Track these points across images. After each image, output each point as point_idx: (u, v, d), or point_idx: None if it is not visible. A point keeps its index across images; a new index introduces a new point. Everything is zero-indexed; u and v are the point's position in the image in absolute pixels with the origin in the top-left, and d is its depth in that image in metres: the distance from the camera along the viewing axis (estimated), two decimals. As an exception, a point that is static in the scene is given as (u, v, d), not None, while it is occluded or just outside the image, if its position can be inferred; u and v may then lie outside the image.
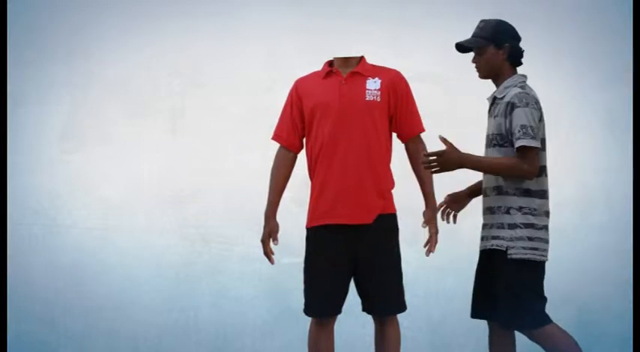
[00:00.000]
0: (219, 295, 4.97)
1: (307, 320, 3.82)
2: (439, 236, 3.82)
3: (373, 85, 3.72)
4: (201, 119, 5.04)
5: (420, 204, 3.81)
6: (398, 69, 3.83)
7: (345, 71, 3.73)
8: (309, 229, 3.78)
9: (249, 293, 4.97)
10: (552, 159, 4.96)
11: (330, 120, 3.68)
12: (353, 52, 3.77)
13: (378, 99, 3.70)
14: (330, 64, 3.80)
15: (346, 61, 3.75)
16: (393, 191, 3.78)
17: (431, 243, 3.80)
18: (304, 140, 3.83)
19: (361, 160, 3.67)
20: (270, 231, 3.83)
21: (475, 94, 4.85)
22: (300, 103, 3.78)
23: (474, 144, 4.91)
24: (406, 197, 3.96)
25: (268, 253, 3.84)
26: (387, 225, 3.74)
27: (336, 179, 3.68)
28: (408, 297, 3.80)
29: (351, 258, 3.70)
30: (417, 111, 3.82)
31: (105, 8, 5.04)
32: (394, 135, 3.82)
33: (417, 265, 4.52)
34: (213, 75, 5.05)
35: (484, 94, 3.75)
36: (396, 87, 3.74)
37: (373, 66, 3.78)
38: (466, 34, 3.68)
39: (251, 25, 5.04)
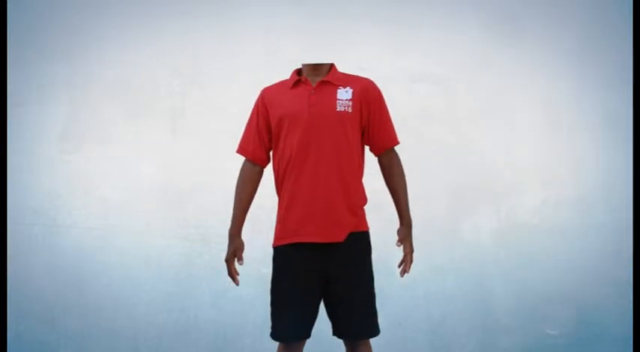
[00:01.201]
0: (219, 295, 4.96)
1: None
2: (414, 255, 3.60)
3: (344, 94, 3.46)
4: (201, 119, 5.03)
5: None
6: (398, 69, 3.79)
7: (315, 80, 3.50)
8: (275, 248, 3.54)
9: (249, 293, 4.96)
10: (552, 159, 4.97)
11: (299, 131, 3.43)
12: (322, 59, 3.55)
13: (350, 110, 3.44)
14: (298, 72, 3.59)
15: (315, 69, 3.51)
16: (365, 207, 3.54)
17: (405, 263, 3.55)
18: (271, 153, 3.60)
19: (332, 175, 3.41)
20: (235, 250, 3.60)
21: (475, 94, 4.86)
22: (267, 114, 3.56)
23: (474, 144, 4.93)
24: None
25: (233, 273, 3.61)
26: (360, 243, 3.49)
27: (305, 194, 3.42)
28: (408, 297, 3.78)
29: (321, 278, 3.44)
30: (390, 123, 3.56)
31: (105, 8, 5.03)
32: (367, 148, 3.59)
33: (417, 265, 4.51)
34: (213, 75, 5.04)
35: (484, 94, 3.73)
36: (369, 97, 3.49)
37: (344, 74, 3.55)
38: (466, 33, 3.67)
39: (251, 25, 5.04)
